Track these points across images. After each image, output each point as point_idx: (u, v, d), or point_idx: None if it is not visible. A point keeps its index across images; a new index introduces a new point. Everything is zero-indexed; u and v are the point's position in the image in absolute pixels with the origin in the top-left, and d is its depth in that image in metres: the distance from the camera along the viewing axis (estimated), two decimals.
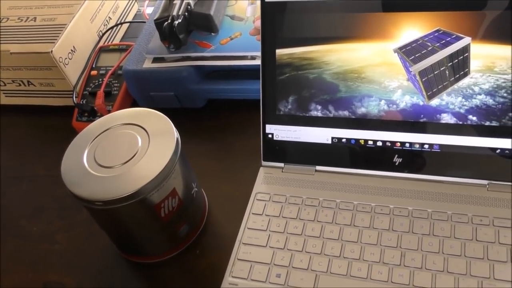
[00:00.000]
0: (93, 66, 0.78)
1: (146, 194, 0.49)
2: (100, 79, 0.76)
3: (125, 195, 0.48)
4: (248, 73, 0.66)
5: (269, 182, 0.58)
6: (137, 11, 0.93)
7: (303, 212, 0.55)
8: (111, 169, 0.50)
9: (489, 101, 0.50)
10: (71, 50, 0.76)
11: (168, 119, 0.54)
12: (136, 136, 0.53)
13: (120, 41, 0.87)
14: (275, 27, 0.56)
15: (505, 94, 0.49)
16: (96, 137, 0.53)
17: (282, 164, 0.59)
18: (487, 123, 0.50)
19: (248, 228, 0.55)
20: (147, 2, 0.90)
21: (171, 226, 0.55)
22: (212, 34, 0.70)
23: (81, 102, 0.74)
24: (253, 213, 0.56)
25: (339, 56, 0.54)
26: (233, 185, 0.63)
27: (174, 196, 0.53)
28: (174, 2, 0.68)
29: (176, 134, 0.53)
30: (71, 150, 0.53)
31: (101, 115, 0.71)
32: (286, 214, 0.55)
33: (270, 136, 0.59)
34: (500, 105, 0.50)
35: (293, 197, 0.56)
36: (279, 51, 0.56)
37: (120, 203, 0.49)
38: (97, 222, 0.55)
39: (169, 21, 0.66)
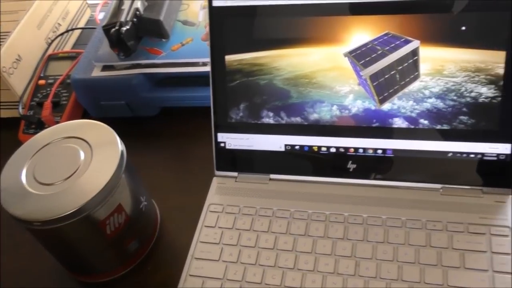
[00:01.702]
0: (41, 75, 0.75)
1: (89, 211, 0.47)
2: (49, 89, 0.72)
3: (66, 213, 0.46)
4: (200, 79, 0.64)
5: (222, 193, 0.57)
6: (89, 17, 0.90)
7: (256, 223, 0.53)
8: (51, 186, 0.48)
9: (440, 104, 0.49)
10: (16, 59, 0.72)
11: (112, 130, 0.52)
12: (77, 150, 0.50)
13: (71, 48, 0.83)
14: (223, 32, 0.54)
15: (454, 97, 0.49)
16: (36, 153, 0.51)
17: (235, 174, 0.57)
18: (439, 127, 0.50)
19: (200, 242, 0.53)
20: (99, 7, 0.87)
21: (119, 243, 0.52)
22: (163, 40, 0.68)
23: (28, 114, 0.71)
24: (205, 226, 0.54)
25: (289, 62, 0.53)
26: (187, 196, 0.61)
27: (120, 212, 0.50)
28: (123, 7, 0.65)
29: (120, 146, 0.50)
30: (9, 167, 0.50)
31: (49, 127, 0.68)
32: (240, 225, 0.53)
33: (222, 145, 0.57)
34: (450, 108, 0.49)
35: (247, 208, 0.55)
36: (228, 57, 0.55)
37: (61, 222, 0.46)
38: (39, 242, 0.52)
39: (116, 27, 0.63)
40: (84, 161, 0.49)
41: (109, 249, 0.52)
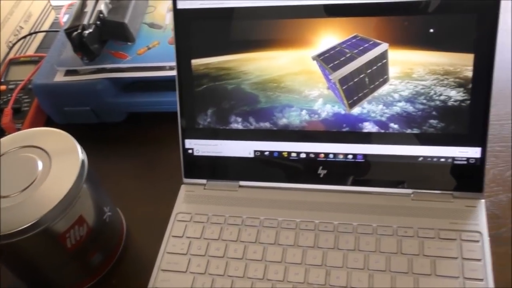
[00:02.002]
0: (2, 80, 0.72)
1: (48, 224, 0.45)
2: (9, 95, 0.70)
3: (23, 227, 0.44)
4: (168, 84, 0.62)
5: (190, 201, 0.55)
6: (54, 19, 0.87)
7: (225, 232, 0.52)
8: (7, 199, 0.45)
9: (409, 108, 0.49)
10: None
11: (72, 138, 0.49)
12: (35, 160, 0.48)
13: (35, 52, 0.80)
14: (189, 36, 0.53)
15: (424, 101, 0.48)
16: None
17: (204, 181, 0.56)
18: (409, 131, 0.49)
19: (167, 253, 0.52)
20: (64, 9, 0.84)
21: (81, 256, 0.50)
22: (129, 43, 0.66)
23: None
24: (173, 236, 0.53)
25: (257, 65, 0.52)
26: (155, 205, 0.59)
27: (81, 224, 0.48)
28: (85, 10, 0.63)
29: (81, 154, 0.48)
30: None
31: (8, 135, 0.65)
32: (208, 235, 0.52)
33: (190, 151, 0.56)
34: (420, 112, 0.49)
35: (216, 216, 0.53)
36: (194, 61, 0.53)
37: (17, 237, 0.44)
38: None
39: (78, 30, 0.61)
40: (42, 171, 0.47)
41: (71, 263, 0.50)
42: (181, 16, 0.52)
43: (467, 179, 0.49)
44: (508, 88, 0.62)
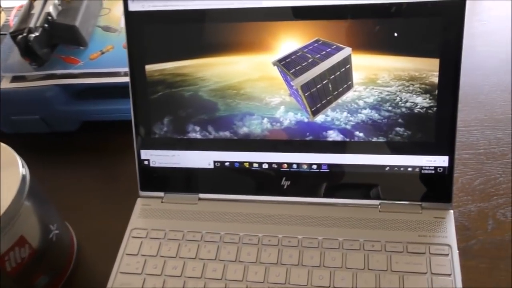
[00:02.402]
0: None
1: None
2: None
3: None
4: (123, 91, 0.58)
5: (147, 215, 0.52)
6: (4, 22, 0.82)
7: (183, 249, 0.49)
8: None
9: (375, 115, 0.47)
10: None
11: (12, 151, 0.46)
12: None
13: None
14: (142, 40, 0.50)
15: (389, 108, 0.47)
16: None
17: (162, 194, 0.53)
18: (374, 139, 0.48)
19: (120, 273, 0.48)
20: (14, 11, 0.79)
21: (24, 279, 0.46)
22: (81, 48, 0.62)
23: None
24: (127, 254, 0.49)
25: (215, 71, 0.50)
26: (109, 220, 0.55)
27: (22, 245, 0.44)
28: (32, 12, 0.59)
29: (22, 168, 0.44)
30: None
31: None
32: (165, 252, 0.49)
33: (146, 163, 0.53)
34: (385, 120, 0.47)
35: (173, 232, 0.50)
36: (149, 67, 0.50)
37: None
38: None
39: (24, 34, 0.57)
40: None
41: None
42: (133, 19, 0.50)
43: (436, 189, 0.48)
44: (474, 93, 0.61)
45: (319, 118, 0.48)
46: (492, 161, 0.54)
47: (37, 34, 0.57)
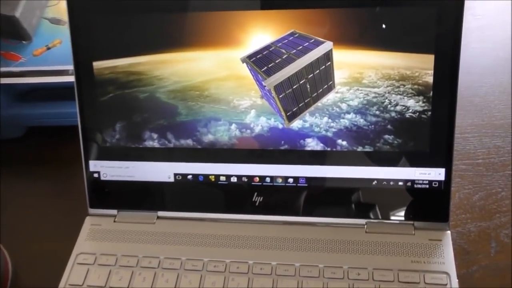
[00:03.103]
0: None
1: None
2: None
3: None
4: (72, 92, 0.53)
5: (96, 237, 0.47)
6: None
7: (137, 278, 0.43)
8: None
9: (360, 121, 0.43)
10: None
11: None
12: None
13: None
14: (89, 32, 0.45)
15: (377, 112, 0.43)
16: None
17: (114, 211, 0.49)
18: (360, 149, 0.43)
19: None
20: None
21: None
22: (23, 42, 0.57)
23: None
24: (70, 285, 0.44)
25: (175, 69, 0.45)
26: (53, 243, 0.50)
27: None
28: None
29: None
30: None
31: None
32: (115, 282, 0.44)
33: (96, 175, 0.48)
34: (372, 126, 0.43)
35: (126, 257, 0.45)
36: (97, 64, 0.46)
37: None
38: None
39: None
40: None
41: None
42: (78, 8, 0.45)
43: (430, 206, 0.43)
44: (470, 94, 0.57)
45: (296, 124, 0.44)
46: (493, 172, 0.49)
47: None
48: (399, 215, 0.44)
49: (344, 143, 0.43)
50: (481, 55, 0.60)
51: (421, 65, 0.41)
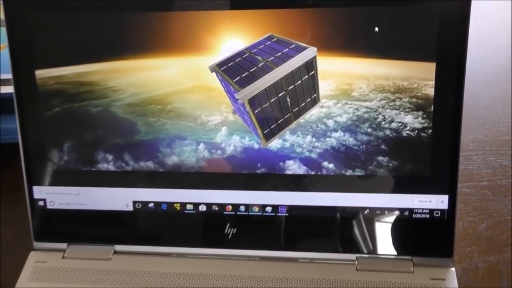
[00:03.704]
0: None
1: None
2: None
3: None
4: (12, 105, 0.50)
5: (40, 277, 0.43)
6: None
7: None
8: None
9: (349, 140, 0.40)
10: None
11: None
12: None
13: None
14: (31, 35, 0.42)
15: (369, 130, 0.39)
16: None
17: (64, 245, 0.45)
18: (349, 172, 0.40)
19: None
20: None
21: None
22: None
23: None
24: None
25: (132, 79, 0.42)
26: None
27: None
28: None
29: None
30: None
31: None
32: None
33: (41, 203, 0.45)
34: (364, 146, 0.39)
35: None
36: (40, 73, 0.42)
37: None
38: None
39: None
40: None
41: None
42: (16, 5, 0.41)
43: (431, 239, 0.40)
44: (471, 106, 0.53)
45: (274, 144, 0.42)
46: (500, 197, 0.46)
47: None
48: (395, 250, 0.40)
49: (331, 166, 0.41)
50: (482, 61, 0.57)
51: (421, 75, 0.38)
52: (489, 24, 0.61)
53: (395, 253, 0.40)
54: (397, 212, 0.40)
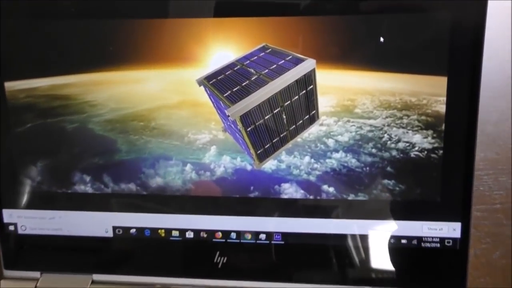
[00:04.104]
0: None
1: None
2: None
3: None
4: None
5: None
6: None
7: None
8: None
9: (351, 161, 0.38)
10: None
11: None
12: None
13: None
14: None
15: (373, 150, 0.38)
16: None
17: (37, 274, 0.43)
18: (351, 197, 0.38)
19: None
20: None
21: None
22: None
23: None
24: None
25: (112, 93, 0.40)
26: None
27: None
28: None
29: None
30: None
31: None
32: None
33: (11, 228, 0.44)
34: (367, 168, 0.38)
35: None
36: (10, 85, 0.41)
37: None
38: None
39: None
40: None
41: None
42: None
43: (442, 271, 0.38)
44: (480, 121, 0.50)
45: (269, 165, 0.40)
46: None
47: None
48: (401, 283, 0.38)
49: (331, 189, 0.39)
50: (489, 73, 0.54)
51: (431, 90, 0.36)
52: (494, 34, 0.58)
53: (402, 286, 0.38)
54: (404, 241, 0.38)
